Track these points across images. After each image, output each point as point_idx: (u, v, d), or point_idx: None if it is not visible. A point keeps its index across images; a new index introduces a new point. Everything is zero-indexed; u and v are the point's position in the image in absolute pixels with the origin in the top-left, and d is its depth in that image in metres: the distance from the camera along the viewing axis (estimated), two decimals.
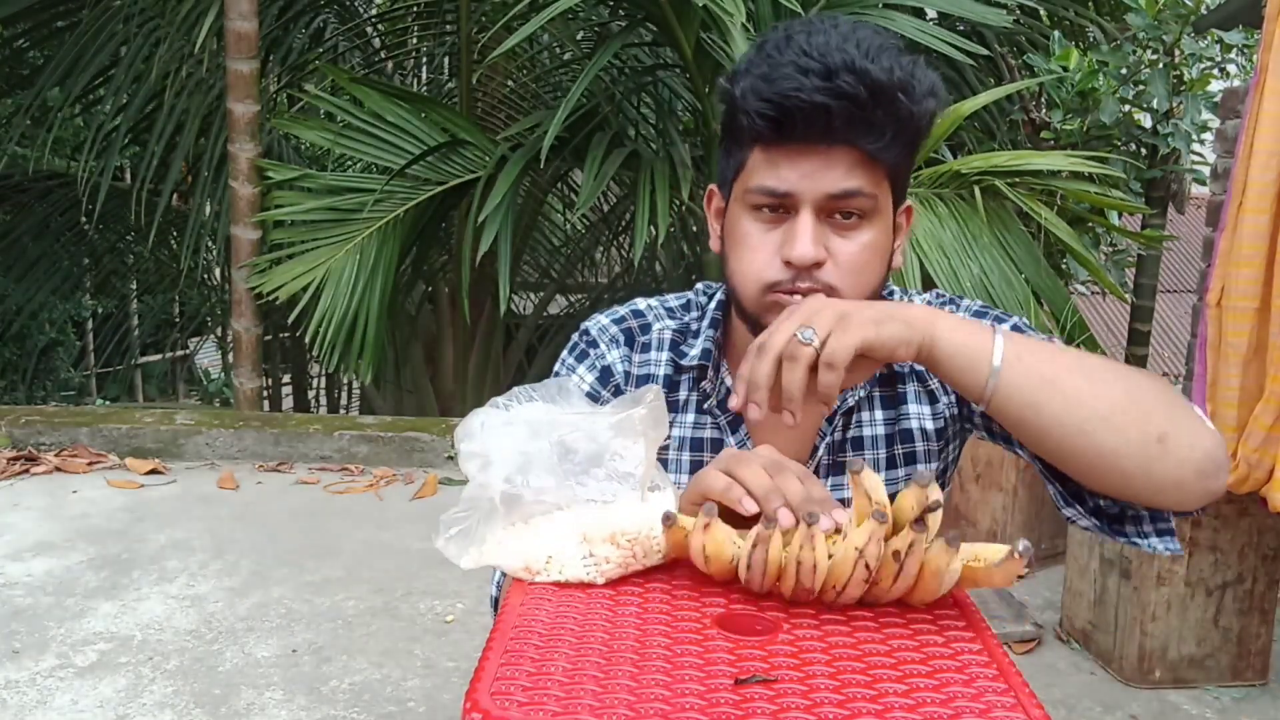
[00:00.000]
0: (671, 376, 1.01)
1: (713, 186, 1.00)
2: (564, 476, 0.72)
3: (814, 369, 0.74)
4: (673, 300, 1.07)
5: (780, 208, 0.87)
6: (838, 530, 0.71)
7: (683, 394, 1.01)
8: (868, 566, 0.67)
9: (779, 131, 0.84)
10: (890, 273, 0.94)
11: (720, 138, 0.95)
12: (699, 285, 1.08)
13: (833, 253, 0.87)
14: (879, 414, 0.99)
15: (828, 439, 0.97)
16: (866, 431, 0.98)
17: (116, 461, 3.75)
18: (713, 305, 1.03)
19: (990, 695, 0.57)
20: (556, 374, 1.03)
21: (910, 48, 0.91)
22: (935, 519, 0.68)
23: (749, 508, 0.75)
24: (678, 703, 0.56)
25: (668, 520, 0.73)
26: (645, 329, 1.04)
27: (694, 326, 1.03)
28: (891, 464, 0.99)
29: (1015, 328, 0.96)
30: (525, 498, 0.72)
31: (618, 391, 1.02)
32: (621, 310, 1.06)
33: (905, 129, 0.85)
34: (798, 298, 0.86)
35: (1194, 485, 0.78)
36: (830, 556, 0.69)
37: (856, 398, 0.98)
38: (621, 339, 1.03)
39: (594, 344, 1.04)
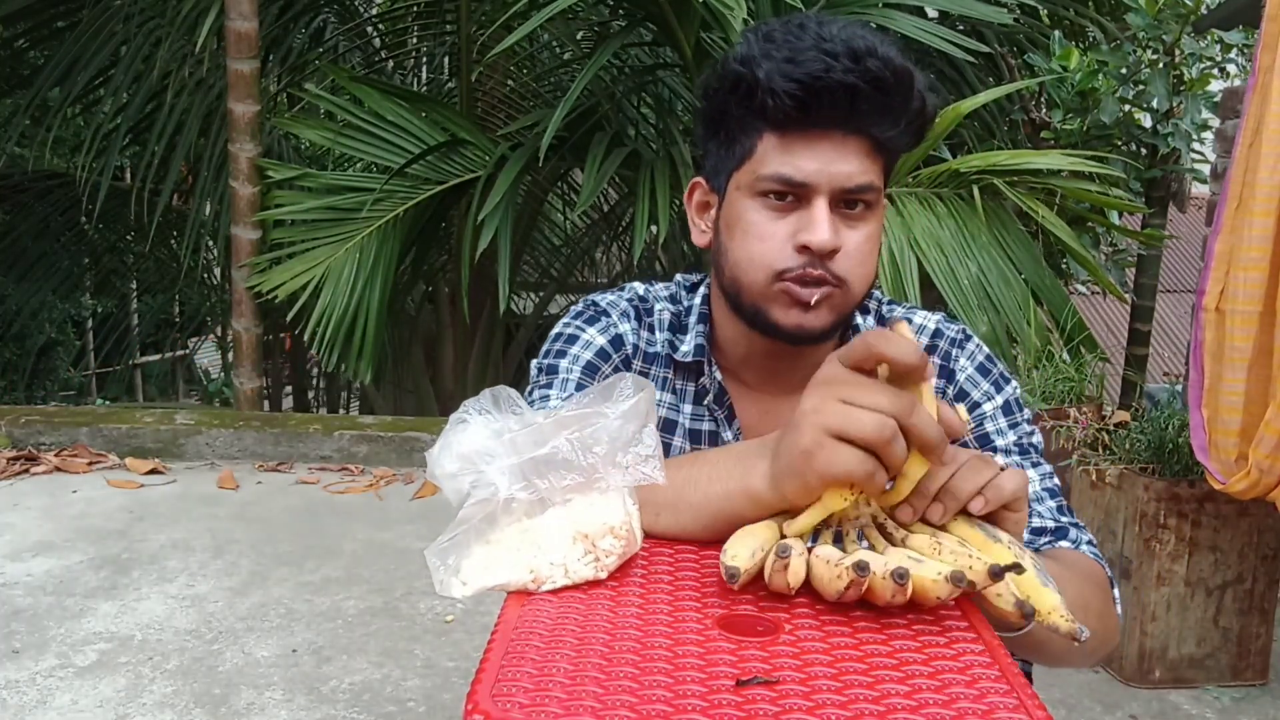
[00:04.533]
0: (673, 357, 1.02)
1: (697, 179, 1.00)
2: (589, 470, 0.72)
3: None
4: (661, 289, 1.08)
5: (791, 196, 0.88)
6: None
7: (679, 382, 1.03)
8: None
9: (804, 113, 0.85)
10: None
11: (711, 129, 0.94)
12: (678, 277, 1.09)
13: (841, 243, 0.88)
14: None
15: None
16: None
17: (116, 461, 3.74)
18: (698, 300, 1.04)
19: (993, 696, 0.57)
20: (558, 335, 1.04)
21: (911, 46, 0.93)
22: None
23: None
24: (679, 704, 0.56)
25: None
26: (649, 311, 1.05)
27: (683, 319, 1.04)
28: None
29: (1008, 403, 0.99)
30: (550, 500, 0.71)
31: (626, 362, 1.02)
32: (624, 291, 1.08)
33: (917, 118, 0.87)
34: (810, 289, 0.88)
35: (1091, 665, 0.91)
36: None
37: None
38: (631, 314, 1.05)
39: (605, 313, 1.04)
